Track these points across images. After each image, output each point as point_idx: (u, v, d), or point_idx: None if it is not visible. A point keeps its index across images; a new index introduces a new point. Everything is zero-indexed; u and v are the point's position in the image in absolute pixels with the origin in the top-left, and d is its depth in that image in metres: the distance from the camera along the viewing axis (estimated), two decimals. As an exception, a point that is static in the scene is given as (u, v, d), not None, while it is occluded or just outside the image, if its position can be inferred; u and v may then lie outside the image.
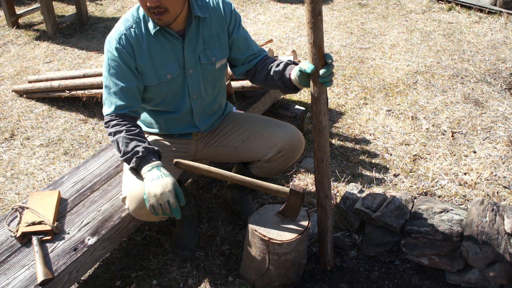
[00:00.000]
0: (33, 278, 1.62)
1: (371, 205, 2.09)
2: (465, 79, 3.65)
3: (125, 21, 1.79)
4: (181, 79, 1.89)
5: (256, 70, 1.98)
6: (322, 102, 1.71)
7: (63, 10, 5.38)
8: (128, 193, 1.78)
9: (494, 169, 2.67)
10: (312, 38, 1.59)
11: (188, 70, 1.87)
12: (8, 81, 3.81)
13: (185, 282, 2.07)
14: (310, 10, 1.55)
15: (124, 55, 1.76)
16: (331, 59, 1.64)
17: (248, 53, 1.98)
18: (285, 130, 2.02)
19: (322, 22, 1.57)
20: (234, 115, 2.18)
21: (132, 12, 1.80)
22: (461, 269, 1.96)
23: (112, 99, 1.78)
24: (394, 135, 3.01)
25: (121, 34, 1.76)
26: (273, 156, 2.00)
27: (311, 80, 1.70)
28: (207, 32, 1.86)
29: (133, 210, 1.78)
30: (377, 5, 5.32)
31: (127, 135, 1.71)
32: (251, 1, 5.51)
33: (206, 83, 1.95)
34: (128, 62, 1.77)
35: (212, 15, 1.86)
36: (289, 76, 1.82)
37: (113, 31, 1.80)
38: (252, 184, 1.84)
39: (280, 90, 1.93)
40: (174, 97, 1.93)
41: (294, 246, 1.83)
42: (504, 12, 4.80)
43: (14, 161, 2.88)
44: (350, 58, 4.07)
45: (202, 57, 1.88)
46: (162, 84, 1.86)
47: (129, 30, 1.77)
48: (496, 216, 1.92)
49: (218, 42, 1.90)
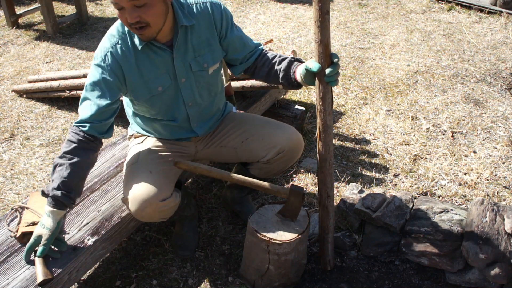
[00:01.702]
0: (33, 278, 1.62)
1: (371, 205, 2.09)
2: (465, 79, 3.65)
3: (110, 37, 1.73)
4: (173, 90, 1.85)
5: (255, 67, 1.95)
6: (328, 101, 1.71)
7: (63, 10, 5.38)
8: (130, 195, 1.78)
9: (494, 169, 2.67)
10: (319, 37, 1.58)
11: (180, 80, 1.83)
12: (8, 81, 3.81)
13: (185, 282, 2.07)
14: (318, 9, 1.54)
15: (106, 74, 1.70)
16: (337, 58, 1.63)
17: (245, 51, 1.94)
18: (284, 132, 2.01)
19: (329, 21, 1.56)
20: (234, 115, 2.17)
21: (117, 27, 1.73)
22: (461, 269, 1.96)
23: (83, 112, 1.73)
24: (394, 135, 3.01)
25: (106, 52, 1.71)
26: (272, 157, 2.00)
27: (317, 79, 1.69)
28: (196, 39, 1.81)
29: (135, 211, 1.78)
30: (377, 5, 5.32)
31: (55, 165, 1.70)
32: (251, 1, 5.51)
33: (201, 90, 1.92)
34: (110, 80, 1.71)
35: (200, 21, 1.80)
36: (294, 74, 1.80)
37: (99, 47, 1.74)
38: (252, 184, 1.84)
39: (282, 86, 1.90)
40: (169, 108, 1.90)
41: (294, 246, 1.83)
42: (504, 12, 4.80)
43: (14, 161, 2.88)
44: (350, 58, 4.07)
45: (193, 65, 1.83)
46: (154, 97, 1.82)
47: (115, 47, 1.71)
48: (496, 216, 1.92)
49: (208, 48, 1.85)
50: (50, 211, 1.67)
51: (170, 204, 1.82)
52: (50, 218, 1.66)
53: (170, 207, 1.85)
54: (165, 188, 1.81)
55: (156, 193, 1.77)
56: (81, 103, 1.75)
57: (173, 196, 1.85)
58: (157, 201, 1.77)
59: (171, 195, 1.84)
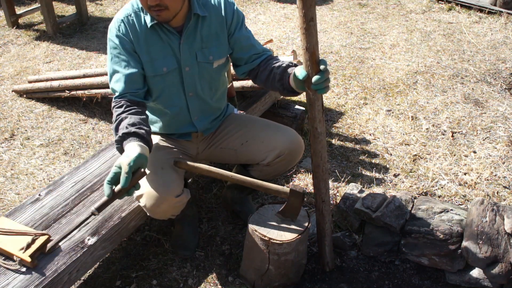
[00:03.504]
0: (33, 278, 1.62)
1: (371, 205, 2.09)
2: (465, 79, 3.65)
3: (124, 10, 1.81)
4: (177, 75, 1.88)
5: (258, 70, 1.96)
6: (317, 108, 1.69)
7: (63, 10, 5.38)
8: (145, 191, 1.78)
9: (494, 169, 2.67)
10: (305, 44, 1.56)
11: (184, 68, 1.87)
12: (8, 81, 3.81)
13: (185, 282, 2.07)
14: (302, 16, 1.50)
15: (124, 41, 1.78)
16: (325, 65, 1.60)
17: (251, 52, 1.96)
18: (285, 134, 2.01)
19: (315, 28, 1.53)
20: (235, 116, 2.18)
21: (132, 2, 1.82)
22: (461, 269, 1.96)
23: (116, 86, 1.79)
24: (394, 135, 3.01)
25: (119, 22, 1.78)
26: (272, 160, 2.00)
27: (306, 86, 1.67)
28: (206, 30, 1.86)
29: (150, 208, 1.79)
30: (377, 5, 5.32)
31: (116, 123, 1.69)
32: (251, 1, 5.51)
33: (203, 82, 1.94)
34: (128, 48, 1.78)
35: (212, 14, 1.86)
36: (288, 79, 1.80)
37: (113, 20, 1.81)
38: (252, 184, 1.84)
39: (280, 92, 1.90)
40: (170, 93, 1.92)
41: (294, 246, 1.83)
42: (504, 12, 4.80)
43: (14, 161, 2.88)
44: (350, 58, 4.07)
45: (199, 55, 1.87)
46: (158, 77, 1.85)
47: (127, 18, 1.78)
48: (496, 216, 1.92)
49: (216, 42, 1.89)
50: (127, 148, 1.57)
51: (183, 200, 1.86)
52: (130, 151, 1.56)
53: (183, 203, 1.88)
54: (178, 184, 1.83)
55: (172, 189, 1.79)
56: (112, 77, 1.80)
57: (185, 192, 1.88)
58: (172, 197, 1.78)
59: (183, 191, 1.86)
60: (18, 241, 1.70)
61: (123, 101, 1.75)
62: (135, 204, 1.96)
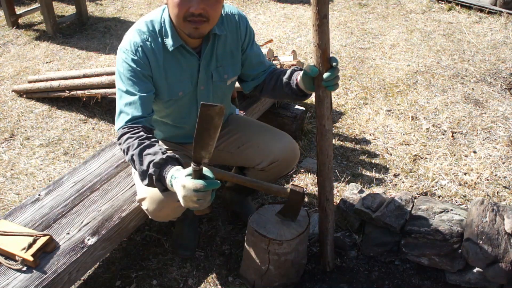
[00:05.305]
0: (33, 278, 1.62)
1: (371, 205, 2.09)
2: (465, 79, 3.65)
3: (140, 32, 1.70)
4: (191, 96, 1.85)
5: (264, 84, 1.96)
6: (326, 106, 1.69)
7: (63, 10, 5.38)
8: (147, 194, 1.76)
9: (494, 169, 2.67)
10: (317, 41, 1.57)
11: (200, 87, 1.84)
12: (8, 81, 3.81)
13: (185, 282, 2.07)
14: (315, 13, 1.52)
15: (142, 67, 1.68)
16: (336, 62, 1.60)
17: (260, 69, 1.95)
18: (280, 141, 2.00)
19: (328, 25, 1.54)
20: (234, 117, 2.17)
21: (147, 24, 1.71)
22: (461, 269, 1.96)
23: (128, 110, 1.68)
24: (394, 135, 3.01)
25: (137, 46, 1.68)
26: (267, 166, 2.00)
27: (315, 84, 1.68)
28: (221, 49, 1.81)
29: (152, 211, 1.78)
30: (377, 5, 5.32)
31: (140, 149, 1.57)
32: (251, 1, 5.50)
33: (216, 99, 1.92)
34: (145, 72, 1.70)
35: (228, 32, 1.81)
36: (296, 81, 1.79)
37: (127, 41, 1.70)
38: (253, 184, 1.84)
39: (288, 98, 1.88)
40: (181, 112, 1.90)
41: (294, 246, 1.83)
42: (504, 12, 4.80)
43: (14, 161, 2.88)
44: (350, 58, 4.07)
45: (215, 74, 1.83)
46: (171, 101, 1.82)
47: (145, 42, 1.69)
48: (496, 216, 1.92)
49: (231, 60, 1.86)
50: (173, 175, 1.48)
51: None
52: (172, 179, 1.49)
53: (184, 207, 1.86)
54: None
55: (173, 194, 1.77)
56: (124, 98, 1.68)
57: None
58: (174, 201, 1.77)
59: None
60: (19, 242, 1.71)
61: (139, 128, 1.63)
62: (135, 204, 1.96)
